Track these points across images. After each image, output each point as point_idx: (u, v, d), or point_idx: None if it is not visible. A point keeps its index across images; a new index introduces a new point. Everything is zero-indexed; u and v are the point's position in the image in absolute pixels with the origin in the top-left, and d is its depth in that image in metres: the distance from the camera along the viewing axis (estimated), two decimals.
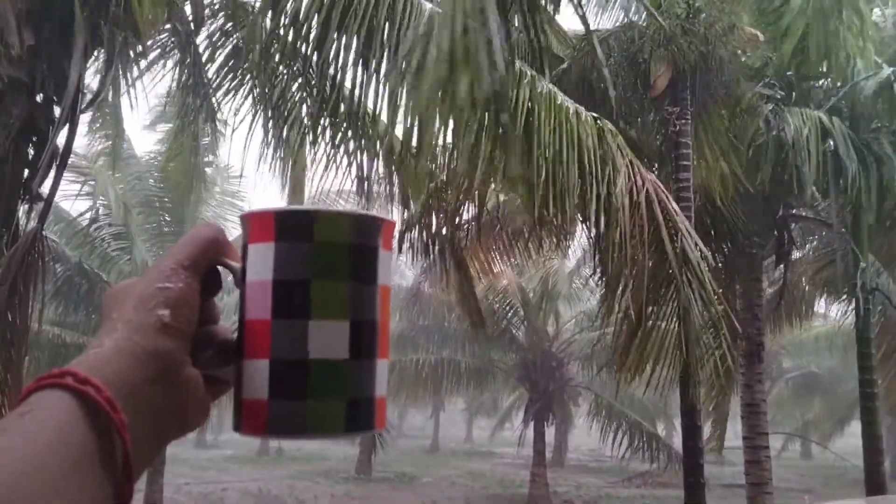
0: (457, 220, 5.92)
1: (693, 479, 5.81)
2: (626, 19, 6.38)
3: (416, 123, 3.54)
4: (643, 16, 6.77)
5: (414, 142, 3.67)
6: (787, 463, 22.33)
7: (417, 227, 5.58)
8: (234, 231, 13.60)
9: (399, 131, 4.54)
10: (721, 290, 8.94)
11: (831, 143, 6.63)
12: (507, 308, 14.81)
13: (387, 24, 4.13)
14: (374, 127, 4.96)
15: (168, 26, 5.74)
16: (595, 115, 4.42)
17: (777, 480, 8.54)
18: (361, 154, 5.18)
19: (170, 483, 12.23)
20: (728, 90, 5.76)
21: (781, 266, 8.69)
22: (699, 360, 4.78)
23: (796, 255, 9.86)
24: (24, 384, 4.41)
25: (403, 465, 21.02)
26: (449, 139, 4.35)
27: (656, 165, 7.16)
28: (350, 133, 5.31)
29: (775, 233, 8.34)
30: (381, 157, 5.30)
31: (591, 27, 7.05)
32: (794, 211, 8.56)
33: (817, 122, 6.66)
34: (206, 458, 22.23)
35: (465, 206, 5.57)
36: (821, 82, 7.37)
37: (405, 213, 5.60)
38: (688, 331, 4.54)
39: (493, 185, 4.58)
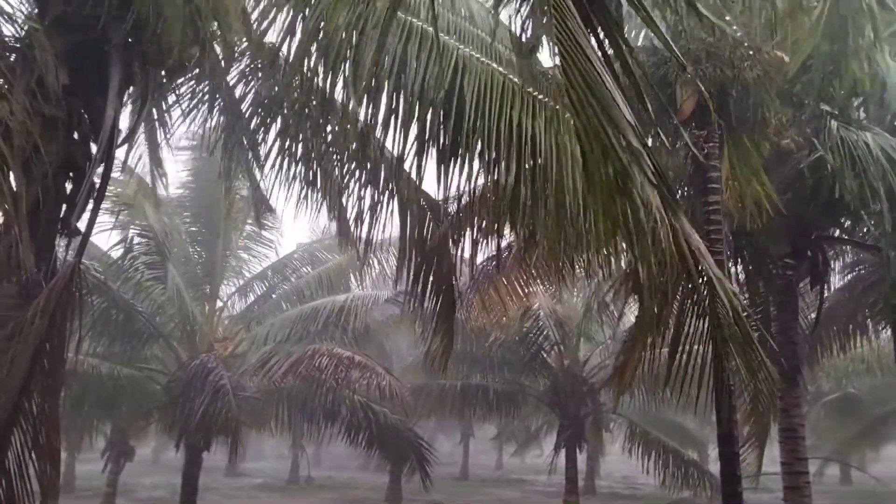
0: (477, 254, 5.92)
1: None
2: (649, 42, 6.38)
3: None
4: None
5: None
6: (826, 488, 21.70)
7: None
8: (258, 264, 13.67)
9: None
10: (757, 313, 8.87)
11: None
12: (538, 333, 14.71)
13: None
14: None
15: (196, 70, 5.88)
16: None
17: None
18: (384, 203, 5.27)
19: None
20: (758, 112, 5.72)
21: (817, 288, 8.54)
22: (735, 384, 4.71)
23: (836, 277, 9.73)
24: (61, 414, 4.47)
25: (433, 492, 20.77)
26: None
27: (684, 189, 7.12)
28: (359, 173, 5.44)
29: (809, 254, 8.21)
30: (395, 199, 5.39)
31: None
32: (828, 232, 8.43)
33: (865, 142, 6.61)
34: (237, 487, 22.25)
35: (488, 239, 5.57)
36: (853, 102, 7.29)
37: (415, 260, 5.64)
38: (721, 354, 4.48)
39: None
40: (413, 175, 4.81)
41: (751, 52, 5.51)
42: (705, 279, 4.21)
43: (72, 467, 19.88)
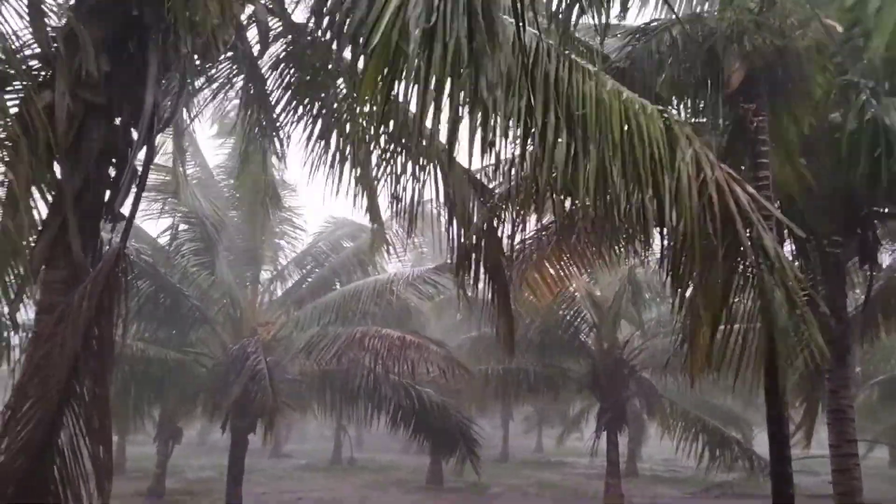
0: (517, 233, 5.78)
1: (781, 489, 5.55)
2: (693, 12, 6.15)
3: None
4: (707, 7, 6.53)
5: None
6: (874, 471, 21.20)
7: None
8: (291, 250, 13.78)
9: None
10: (805, 292, 8.59)
11: None
12: (576, 315, 14.58)
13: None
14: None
15: (230, 53, 5.90)
16: (661, 108, 4.27)
17: (865, 491, 8.08)
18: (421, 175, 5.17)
19: (248, 492, 12.48)
20: (807, 84, 5.49)
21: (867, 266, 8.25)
22: (785, 361, 4.55)
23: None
24: (110, 396, 4.55)
25: (473, 474, 20.86)
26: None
27: (727, 163, 6.91)
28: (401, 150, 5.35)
29: (858, 231, 7.94)
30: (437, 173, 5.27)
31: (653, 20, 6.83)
32: (878, 208, 8.12)
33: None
34: (282, 468, 22.66)
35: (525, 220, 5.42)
36: None
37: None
38: (771, 331, 4.32)
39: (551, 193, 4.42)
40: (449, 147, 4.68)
41: (802, 22, 5.28)
42: (752, 243, 4.02)
43: (123, 449, 20.44)
